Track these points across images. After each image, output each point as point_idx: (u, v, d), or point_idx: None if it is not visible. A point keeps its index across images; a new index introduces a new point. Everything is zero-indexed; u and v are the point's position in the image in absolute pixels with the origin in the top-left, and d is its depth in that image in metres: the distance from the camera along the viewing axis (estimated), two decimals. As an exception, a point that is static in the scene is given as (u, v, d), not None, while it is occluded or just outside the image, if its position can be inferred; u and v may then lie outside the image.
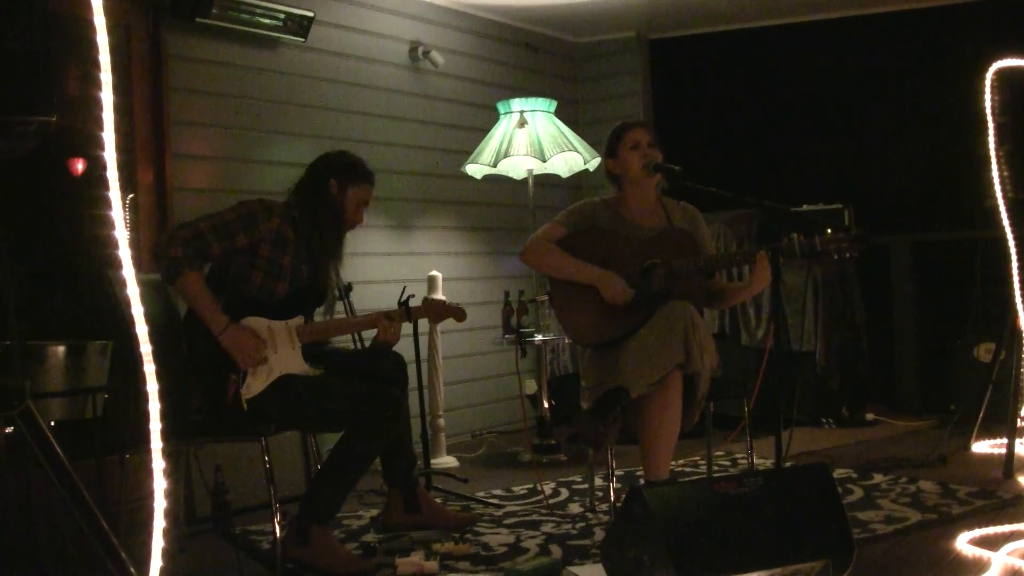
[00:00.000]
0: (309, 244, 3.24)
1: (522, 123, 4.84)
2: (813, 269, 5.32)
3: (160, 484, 2.02)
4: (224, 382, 3.05)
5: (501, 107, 5.00)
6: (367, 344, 4.22)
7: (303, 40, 4.78)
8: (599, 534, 3.37)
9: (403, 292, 3.53)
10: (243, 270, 3.14)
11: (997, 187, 4.18)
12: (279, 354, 3.13)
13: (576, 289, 3.40)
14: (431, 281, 4.89)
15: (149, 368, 2.03)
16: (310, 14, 4.73)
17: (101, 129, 1.94)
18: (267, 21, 4.60)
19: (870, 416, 5.46)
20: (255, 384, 3.08)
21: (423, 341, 4.65)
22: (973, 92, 4.21)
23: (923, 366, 5.73)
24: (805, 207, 5.55)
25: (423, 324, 4.61)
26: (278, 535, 3.06)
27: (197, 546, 3.46)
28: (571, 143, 4.87)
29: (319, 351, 3.37)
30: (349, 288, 4.31)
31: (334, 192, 3.27)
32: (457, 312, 3.55)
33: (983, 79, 4.19)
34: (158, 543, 2.01)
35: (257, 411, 3.10)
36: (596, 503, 3.80)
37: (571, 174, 5.18)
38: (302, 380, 3.16)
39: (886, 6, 6.01)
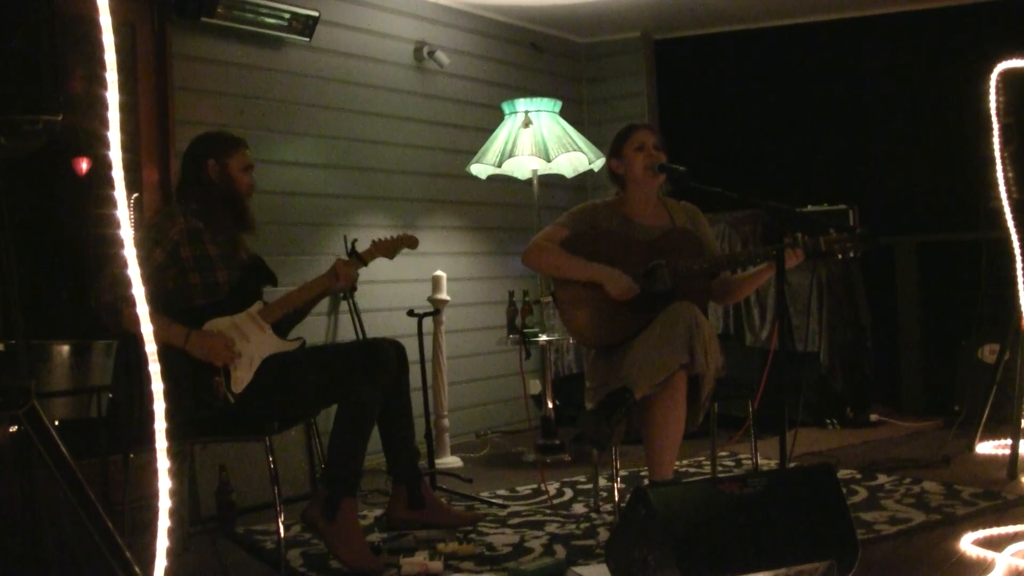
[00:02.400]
0: (221, 228, 3.28)
1: (527, 123, 4.84)
2: (817, 270, 5.31)
3: (165, 484, 2.02)
4: (211, 385, 3.07)
5: (506, 107, 5.00)
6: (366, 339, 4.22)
7: (308, 40, 4.78)
8: (603, 534, 3.37)
9: (345, 241, 3.74)
10: (179, 280, 3.17)
11: (1002, 188, 4.17)
12: (253, 342, 3.17)
13: (580, 290, 3.39)
14: (435, 281, 4.89)
15: (153, 367, 2.03)
16: (315, 14, 4.74)
17: (106, 128, 1.94)
18: (272, 21, 4.61)
19: (874, 417, 5.45)
20: (241, 376, 3.11)
21: (428, 341, 4.65)
22: (978, 93, 4.21)
23: (928, 367, 5.72)
24: (810, 208, 5.54)
25: (427, 325, 4.62)
26: (282, 535, 3.07)
27: (201, 546, 3.46)
28: (576, 143, 4.87)
29: (314, 349, 3.39)
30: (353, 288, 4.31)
31: (215, 171, 3.30)
32: (408, 239, 3.59)
33: (988, 80, 4.19)
34: (163, 543, 2.01)
35: (258, 402, 3.12)
36: (600, 503, 3.79)
37: (576, 174, 5.18)
38: (286, 356, 3.22)
39: (891, 7, 6.00)
